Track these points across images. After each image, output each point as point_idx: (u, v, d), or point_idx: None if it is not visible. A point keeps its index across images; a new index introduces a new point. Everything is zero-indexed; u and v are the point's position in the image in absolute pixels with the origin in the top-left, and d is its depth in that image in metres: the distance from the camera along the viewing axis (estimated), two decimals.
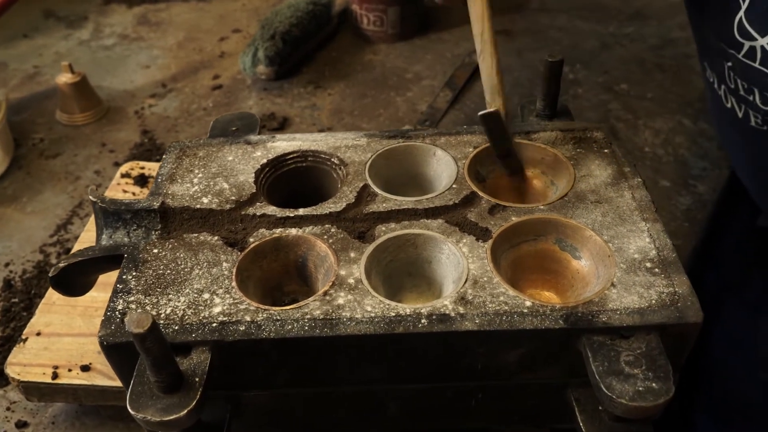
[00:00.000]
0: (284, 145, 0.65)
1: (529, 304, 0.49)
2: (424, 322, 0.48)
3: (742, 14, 0.61)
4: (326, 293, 0.51)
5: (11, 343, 0.72)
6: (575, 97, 1.08)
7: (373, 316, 0.49)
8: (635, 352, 0.46)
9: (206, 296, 0.51)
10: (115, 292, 0.52)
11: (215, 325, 0.49)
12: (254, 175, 0.62)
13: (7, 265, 0.83)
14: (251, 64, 1.11)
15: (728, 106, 0.70)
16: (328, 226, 0.56)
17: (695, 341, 0.50)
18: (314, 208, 0.58)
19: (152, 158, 0.99)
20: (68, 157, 1.01)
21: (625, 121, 1.02)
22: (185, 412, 0.44)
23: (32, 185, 0.97)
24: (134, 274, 0.53)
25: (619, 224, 0.55)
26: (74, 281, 0.56)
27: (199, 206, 0.59)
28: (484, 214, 0.57)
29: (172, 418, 0.44)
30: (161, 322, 0.49)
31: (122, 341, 0.48)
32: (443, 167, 0.63)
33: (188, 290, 0.52)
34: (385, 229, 0.56)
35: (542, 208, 0.57)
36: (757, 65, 0.61)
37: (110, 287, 0.52)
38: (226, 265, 0.53)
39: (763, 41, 0.60)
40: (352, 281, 0.51)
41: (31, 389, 0.64)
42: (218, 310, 0.50)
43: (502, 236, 0.55)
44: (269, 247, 0.56)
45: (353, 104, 1.09)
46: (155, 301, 0.51)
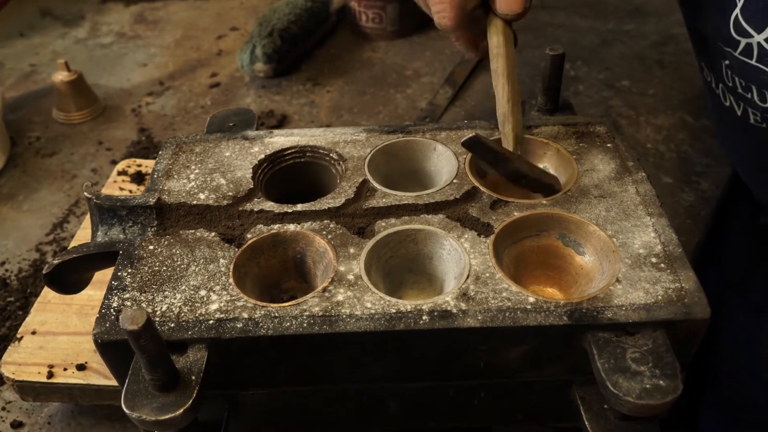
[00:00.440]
0: (282, 140, 0.64)
1: (532, 300, 0.48)
2: (425, 318, 0.47)
3: (738, 11, 0.61)
4: (325, 290, 0.50)
5: (6, 342, 0.71)
6: (576, 93, 1.07)
7: (373, 312, 0.48)
8: (642, 348, 0.45)
9: (203, 293, 0.50)
10: (109, 289, 0.51)
11: (212, 322, 0.48)
12: (252, 170, 0.61)
13: (2, 263, 0.83)
14: (249, 61, 1.10)
15: (727, 104, 0.70)
16: (326, 221, 0.55)
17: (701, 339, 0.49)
18: (313, 203, 0.57)
19: (149, 156, 0.97)
20: (65, 155, 1.00)
21: (626, 117, 1.01)
22: (181, 411, 0.43)
23: (28, 183, 0.96)
24: (130, 270, 0.52)
25: (623, 219, 0.54)
26: (69, 279, 0.56)
27: (195, 202, 0.58)
28: (485, 209, 0.56)
29: (167, 417, 0.43)
30: (157, 319, 0.48)
31: (117, 339, 0.47)
32: (444, 162, 0.62)
33: (184, 287, 0.51)
34: (384, 224, 0.55)
35: (545, 203, 0.56)
36: (753, 62, 0.61)
37: (106, 285, 0.51)
38: (223, 261, 0.53)
39: (759, 37, 0.59)
40: (351, 277, 0.50)
41: (26, 389, 0.63)
42: (215, 307, 0.49)
43: (504, 231, 0.54)
44: (267, 243, 0.55)
45: (352, 101, 1.08)
46: (151, 298, 0.50)
